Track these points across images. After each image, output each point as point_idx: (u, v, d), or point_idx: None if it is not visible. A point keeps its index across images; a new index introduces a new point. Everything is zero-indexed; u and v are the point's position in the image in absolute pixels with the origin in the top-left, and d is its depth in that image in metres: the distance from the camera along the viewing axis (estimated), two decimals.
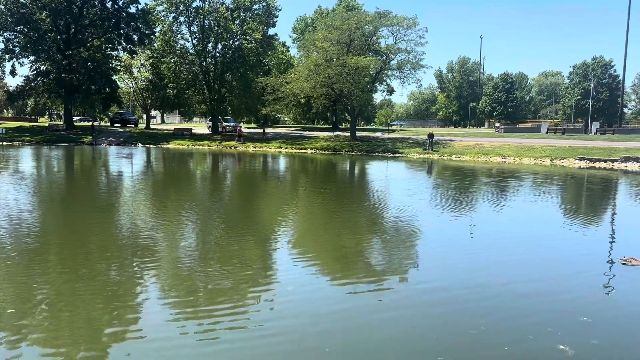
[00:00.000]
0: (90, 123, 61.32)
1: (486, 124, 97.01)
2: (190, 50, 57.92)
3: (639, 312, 6.85)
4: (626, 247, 10.35)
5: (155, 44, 59.00)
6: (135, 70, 68.16)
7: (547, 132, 56.29)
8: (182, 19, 55.71)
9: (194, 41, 56.74)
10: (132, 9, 55.72)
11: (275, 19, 58.33)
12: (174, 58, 57.50)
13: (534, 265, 8.90)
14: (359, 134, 52.14)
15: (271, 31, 59.45)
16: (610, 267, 8.85)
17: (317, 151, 44.29)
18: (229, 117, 63.19)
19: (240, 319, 6.33)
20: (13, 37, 53.78)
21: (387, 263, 9.12)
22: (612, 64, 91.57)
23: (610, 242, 11.26)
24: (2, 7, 50.73)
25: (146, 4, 56.05)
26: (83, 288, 7.26)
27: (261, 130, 54.39)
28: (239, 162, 32.95)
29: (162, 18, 56.20)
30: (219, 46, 56.87)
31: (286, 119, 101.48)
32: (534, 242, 10.73)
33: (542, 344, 5.70)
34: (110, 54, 59.45)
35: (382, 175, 27.97)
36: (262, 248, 10.14)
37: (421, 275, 8.35)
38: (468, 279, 8.07)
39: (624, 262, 8.98)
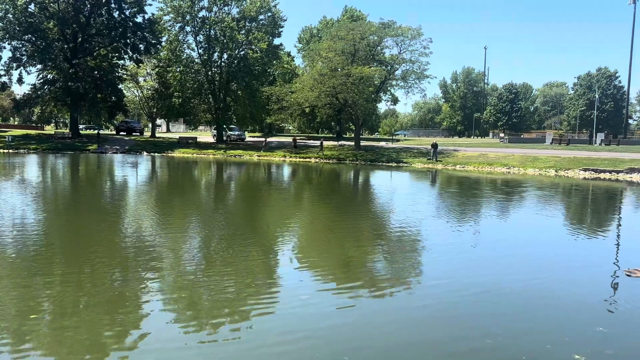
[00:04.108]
0: (96, 131, 61.63)
1: (490, 134, 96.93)
2: (196, 60, 58.28)
3: None
4: (631, 258, 10.29)
5: (161, 53, 59.41)
6: (141, 79, 68.60)
7: (551, 143, 56.18)
8: (188, 28, 56.15)
9: (200, 51, 57.14)
10: (139, 19, 56.25)
11: (280, 29, 58.71)
12: (180, 67, 57.85)
13: (543, 275, 8.88)
14: (363, 143, 52.21)
15: (276, 41, 59.78)
16: (616, 279, 8.83)
17: (322, 160, 44.35)
18: (233, 126, 63.45)
19: (244, 329, 6.34)
20: (21, 45, 54.29)
21: (394, 272, 9.11)
22: (617, 75, 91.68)
23: (616, 254, 11.21)
24: (11, 16, 51.26)
25: (153, 14, 56.58)
26: (87, 297, 7.29)
27: (319, 143, 53.38)
28: (292, 175, 31.89)
29: (169, 28, 56.67)
30: (225, 56, 57.23)
31: (290, 128, 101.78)
32: (540, 253, 10.70)
33: (560, 353, 5.78)
34: (117, 62, 59.90)
35: (386, 184, 27.97)
36: (267, 257, 10.13)
37: (430, 285, 8.32)
38: (479, 289, 8.05)
39: (629, 274, 8.94)
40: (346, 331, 6.33)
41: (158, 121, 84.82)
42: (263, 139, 55.62)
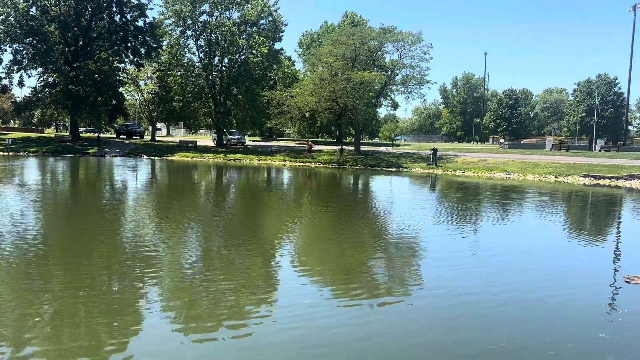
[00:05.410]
0: (96, 134, 61.63)
1: (490, 139, 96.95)
2: (197, 64, 58.44)
3: None
4: (630, 265, 10.28)
5: (162, 57, 59.54)
6: (141, 83, 68.72)
7: (551, 149, 56.24)
8: (189, 32, 56.33)
9: (201, 55, 57.28)
10: (140, 23, 56.38)
11: (281, 34, 58.88)
12: (181, 71, 57.99)
13: (544, 282, 8.87)
14: (363, 148, 52.26)
15: (277, 45, 60.03)
16: (616, 286, 8.82)
17: (321, 165, 44.36)
18: (233, 130, 63.51)
19: (243, 334, 6.33)
20: (22, 48, 54.39)
21: (396, 278, 9.09)
22: (617, 81, 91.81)
23: (616, 260, 11.20)
24: (12, 19, 51.35)
25: (154, 18, 56.74)
26: (85, 300, 7.26)
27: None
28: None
29: (170, 32, 56.85)
30: (225, 60, 57.37)
31: (290, 132, 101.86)
32: (540, 259, 10.69)
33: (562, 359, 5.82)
34: (118, 66, 60.02)
35: (386, 190, 27.96)
36: (266, 262, 10.12)
37: (430, 292, 8.29)
38: (479, 296, 8.04)
39: (628, 281, 8.93)
40: (348, 337, 6.30)
41: (158, 125, 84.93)
42: (306, 144, 52.95)
